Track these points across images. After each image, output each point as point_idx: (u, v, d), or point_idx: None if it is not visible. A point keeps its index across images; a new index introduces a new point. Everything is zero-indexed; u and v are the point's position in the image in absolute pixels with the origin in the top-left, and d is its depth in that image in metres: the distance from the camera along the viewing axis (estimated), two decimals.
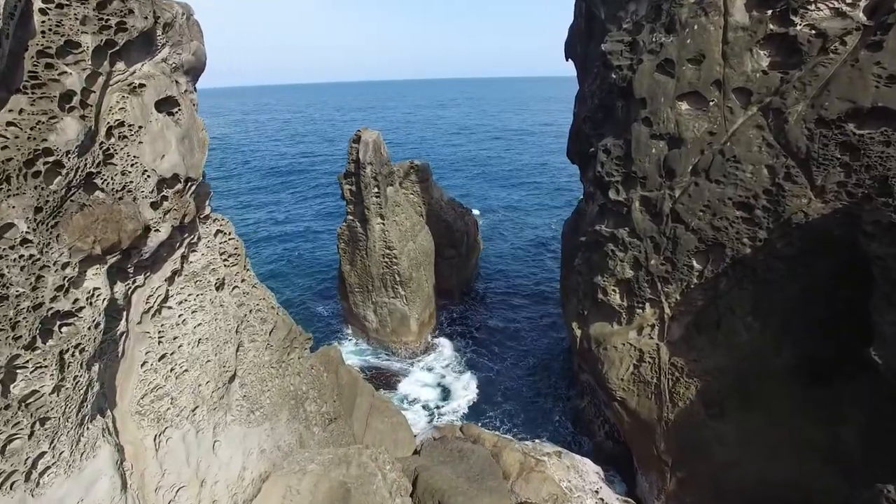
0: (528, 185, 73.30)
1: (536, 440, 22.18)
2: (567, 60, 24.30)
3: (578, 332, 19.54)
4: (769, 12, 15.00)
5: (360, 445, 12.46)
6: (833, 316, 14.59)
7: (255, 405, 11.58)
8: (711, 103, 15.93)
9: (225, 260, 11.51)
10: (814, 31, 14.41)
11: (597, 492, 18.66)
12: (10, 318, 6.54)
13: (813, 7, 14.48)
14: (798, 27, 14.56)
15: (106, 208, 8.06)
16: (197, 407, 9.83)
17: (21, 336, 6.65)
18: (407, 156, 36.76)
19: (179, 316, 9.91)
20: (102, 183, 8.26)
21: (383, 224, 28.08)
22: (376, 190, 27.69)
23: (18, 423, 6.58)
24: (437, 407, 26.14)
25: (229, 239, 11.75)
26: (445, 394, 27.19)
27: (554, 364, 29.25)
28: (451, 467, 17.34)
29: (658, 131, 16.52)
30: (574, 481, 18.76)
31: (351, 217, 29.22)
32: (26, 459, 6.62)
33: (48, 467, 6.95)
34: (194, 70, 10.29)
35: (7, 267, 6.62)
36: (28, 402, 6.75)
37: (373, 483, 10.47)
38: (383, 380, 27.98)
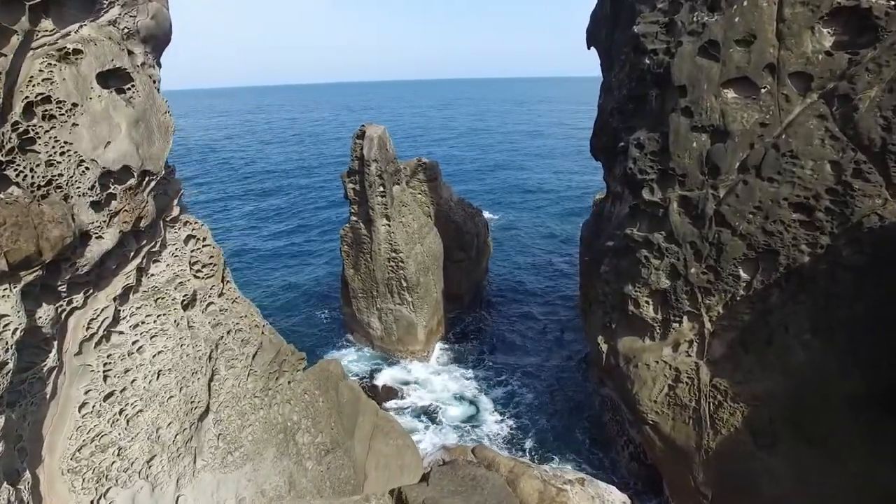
0: (537, 186, 70.97)
1: (557, 464, 20.04)
2: (589, 49, 22.13)
3: (605, 347, 17.40)
4: None
5: (357, 497, 10.40)
6: None
7: (234, 445, 9.53)
8: (763, 90, 13.78)
9: (197, 271, 9.45)
10: (893, 3, 12.26)
11: None
12: None
13: None
14: None
15: (18, 209, 6.00)
16: (154, 456, 7.78)
17: None
18: (413, 156, 34.97)
19: (134, 343, 7.86)
20: (18, 175, 6.22)
21: (389, 225, 25.99)
22: (381, 189, 25.62)
23: None
24: (447, 423, 24.01)
25: (204, 246, 9.69)
26: (457, 409, 25.03)
27: (572, 375, 27.06)
28: (463, 499, 15.14)
29: (700, 123, 14.39)
30: None
31: (355, 218, 27.16)
32: None
33: None
34: (155, 39, 8.22)
35: None
36: None
37: None
38: (386, 393, 25.86)
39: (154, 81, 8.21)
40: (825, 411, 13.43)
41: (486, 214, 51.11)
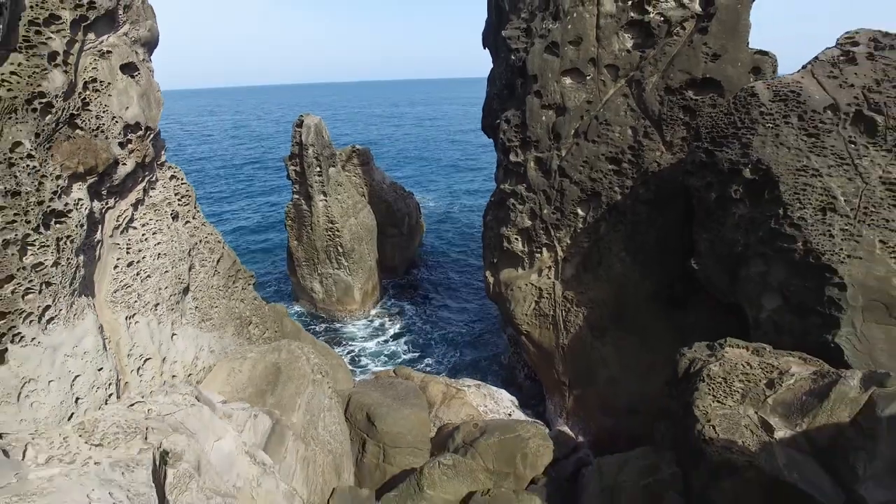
0: (473, 175, 77.16)
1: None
2: (484, 49, 27.78)
3: (491, 279, 22.98)
4: (630, 2, 18.72)
5: (289, 339, 15.50)
6: (684, 249, 18.28)
7: (206, 316, 14.51)
8: (588, 78, 19.58)
9: (179, 199, 14.42)
10: (662, 18, 18.20)
11: (510, 414, 22.07)
12: (23, 208, 9.42)
13: None
14: (651, 15, 18.32)
15: (85, 140, 10.95)
16: (158, 304, 12.73)
17: (30, 221, 9.52)
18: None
19: (143, 235, 12.80)
20: (82, 123, 11.14)
21: (326, 200, 31.05)
22: (318, 170, 30.64)
23: (31, 281, 9.45)
24: (379, 365, 29.21)
25: (182, 183, 14.67)
26: (388, 353, 30.30)
27: (489, 324, 32.71)
28: (381, 392, 20.46)
29: (547, 102, 20.08)
30: (490, 406, 22.12)
31: (297, 196, 32.09)
32: (38, 307, 9.50)
33: (52, 317, 9.81)
34: (150, 44, 13.21)
35: (19, 172, 9.50)
36: (37, 269, 9.62)
37: (298, 362, 13.48)
38: (327, 341, 30.89)
39: (150, 71, 13.18)
40: (635, 307, 19.29)
41: (430, 201, 56.61)
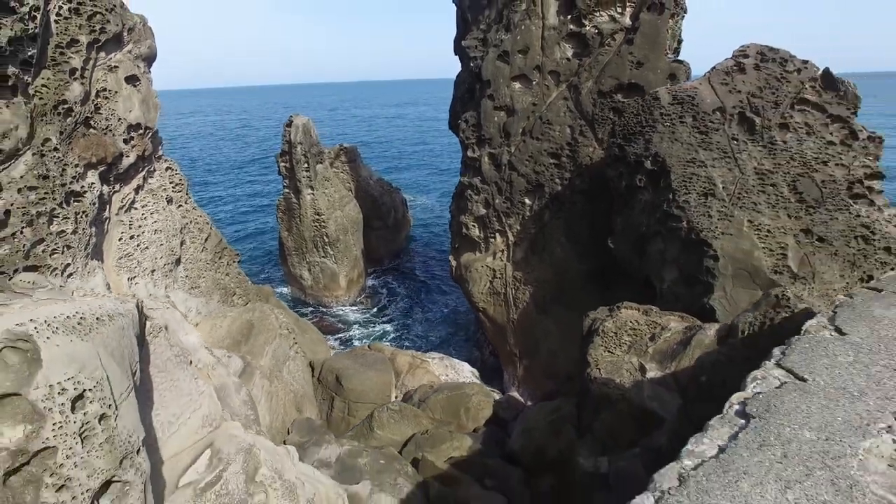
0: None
1: None
2: (455, 55, 30.89)
3: (454, 263, 26.10)
4: (569, 17, 21.80)
5: (262, 303, 18.70)
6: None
7: (194, 284, 17.73)
8: (534, 83, 22.66)
9: (173, 186, 17.65)
10: (596, 31, 21.27)
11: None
12: (50, 188, 12.66)
13: (596, 13, 21.34)
14: (587, 28, 21.40)
15: (98, 137, 14.19)
16: (154, 270, 15.96)
17: (56, 199, 12.75)
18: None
19: (142, 214, 16.04)
20: (94, 123, 14.39)
21: (313, 194, 34.28)
22: (306, 166, 33.89)
23: (56, 244, 12.68)
24: (360, 342, 32.37)
25: (176, 174, 17.90)
26: (369, 334, 33.46)
27: (464, 312, 35.77)
28: (351, 360, 23.62)
29: (499, 104, 23.18)
30: (451, 376, 25.21)
31: (287, 190, 35.36)
32: (61, 264, 12.72)
33: (72, 273, 13.03)
34: (149, 58, 16.46)
35: (48, 161, 12.74)
36: (60, 235, 12.84)
37: (268, 319, 16.64)
38: (316, 325, 34.07)
39: (149, 80, 16.41)
40: (574, 286, 22.33)
41: (423, 198, 59.78)
